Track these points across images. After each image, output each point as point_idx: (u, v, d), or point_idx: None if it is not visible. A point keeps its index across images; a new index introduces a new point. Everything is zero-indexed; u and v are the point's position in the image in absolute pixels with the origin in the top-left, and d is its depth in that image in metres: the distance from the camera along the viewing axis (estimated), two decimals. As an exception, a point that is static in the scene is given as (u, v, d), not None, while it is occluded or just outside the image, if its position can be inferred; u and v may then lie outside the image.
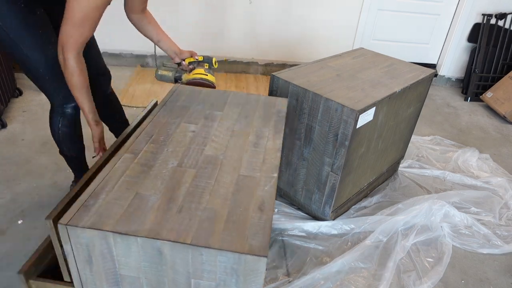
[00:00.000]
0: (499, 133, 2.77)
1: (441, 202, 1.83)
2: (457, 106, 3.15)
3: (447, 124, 2.82)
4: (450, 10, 3.29)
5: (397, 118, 1.74)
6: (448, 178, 2.14)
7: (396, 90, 1.58)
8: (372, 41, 3.38)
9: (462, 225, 1.79)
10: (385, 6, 3.23)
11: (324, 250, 1.59)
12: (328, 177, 1.58)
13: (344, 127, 1.44)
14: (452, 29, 3.33)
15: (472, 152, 2.37)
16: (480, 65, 3.21)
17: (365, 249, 1.59)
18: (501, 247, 1.70)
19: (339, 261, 1.52)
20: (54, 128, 1.47)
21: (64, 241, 0.84)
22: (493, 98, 3.09)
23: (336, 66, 1.78)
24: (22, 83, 2.74)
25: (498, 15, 3.13)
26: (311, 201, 1.71)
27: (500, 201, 1.98)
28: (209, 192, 0.93)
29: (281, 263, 1.52)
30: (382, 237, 1.66)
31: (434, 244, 1.68)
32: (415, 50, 3.48)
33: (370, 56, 1.96)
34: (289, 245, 1.61)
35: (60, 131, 1.47)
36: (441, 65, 3.46)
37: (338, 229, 1.70)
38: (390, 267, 1.52)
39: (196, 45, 2.91)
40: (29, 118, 2.35)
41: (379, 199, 1.93)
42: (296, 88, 1.55)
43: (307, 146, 1.61)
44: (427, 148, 2.42)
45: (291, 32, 3.24)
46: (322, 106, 1.48)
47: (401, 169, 2.17)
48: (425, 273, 1.53)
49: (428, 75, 1.80)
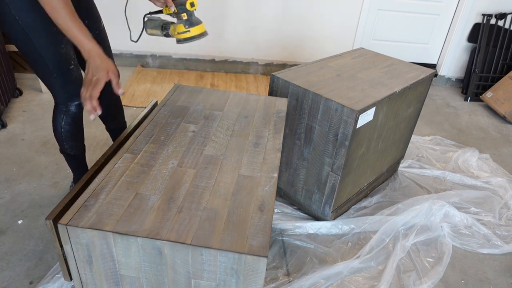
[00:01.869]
0: (499, 133, 2.77)
1: (441, 202, 1.83)
2: (457, 106, 3.15)
3: (447, 124, 2.82)
4: (450, 10, 3.29)
5: (397, 118, 1.74)
6: (448, 178, 2.14)
7: (396, 90, 1.58)
8: (372, 41, 3.38)
9: (462, 225, 1.79)
10: (385, 6, 3.23)
11: (324, 250, 1.59)
12: (328, 177, 1.58)
13: (344, 127, 1.44)
14: (452, 29, 3.33)
15: (472, 152, 2.37)
16: (480, 65, 3.21)
17: (366, 249, 1.59)
18: (501, 247, 1.70)
19: (340, 261, 1.53)
20: (57, 126, 1.47)
21: (64, 241, 0.84)
22: (493, 98, 3.09)
23: (336, 66, 1.78)
24: (22, 83, 2.75)
25: (498, 15, 3.13)
26: (311, 201, 1.71)
27: (500, 201, 1.98)
28: (209, 192, 0.93)
29: (281, 263, 1.52)
30: (385, 237, 1.66)
31: (434, 244, 1.68)
32: (415, 50, 3.47)
33: (370, 56, 1.96)
34: (289, 245, 1.61)
35: (62, 129, 1.47)
36: (441, 65, 3.46)
37: (338, 229, 1.70)
38: (390, 267, 1.53)
39: (196, 45, 2.91)
40: (29, 118, 2.35)
41: (379, 199, 1.93)
42: (296, 88, 1.55)
43: (307, 146, 1.61)
44: (427, 148, 2.42)
45: (291, 32, 3.24)
46: (322, 106, 1.48)
47: (401, 169, 2.17)
48: (425, 273, 1.53)
49: (428, 75, 1.80)
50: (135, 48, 3.19)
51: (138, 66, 3.25)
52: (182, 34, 1.29)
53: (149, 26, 1.37)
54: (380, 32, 3.35)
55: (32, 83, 2.75)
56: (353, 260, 1.54)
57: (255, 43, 3.27)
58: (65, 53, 1.30)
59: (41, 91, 2.66)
